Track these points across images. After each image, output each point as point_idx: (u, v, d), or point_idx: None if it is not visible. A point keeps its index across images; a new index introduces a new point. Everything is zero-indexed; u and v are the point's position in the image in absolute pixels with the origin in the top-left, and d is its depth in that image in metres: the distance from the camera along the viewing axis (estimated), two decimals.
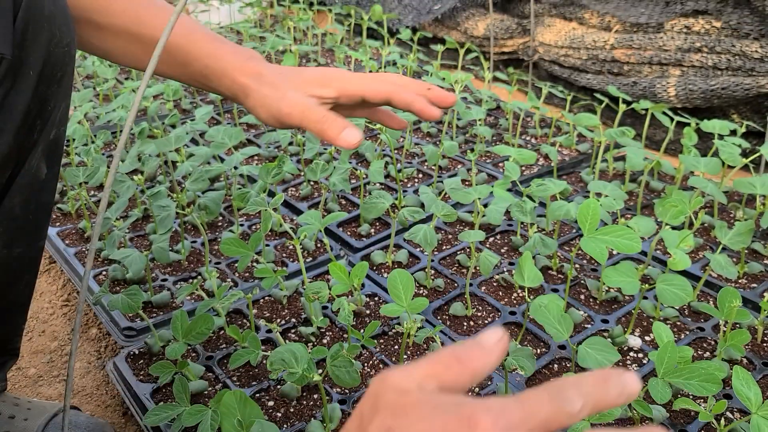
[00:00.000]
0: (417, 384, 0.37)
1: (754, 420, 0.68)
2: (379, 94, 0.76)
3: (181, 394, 0.80)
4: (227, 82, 0.78)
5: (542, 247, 1.06)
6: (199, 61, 0.78)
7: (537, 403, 0.35)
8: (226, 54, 0.79)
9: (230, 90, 0.78)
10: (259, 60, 0.80)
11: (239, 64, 0.77)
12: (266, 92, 0.76)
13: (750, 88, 1.63)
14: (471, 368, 0.38)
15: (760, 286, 1.09)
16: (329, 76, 0.77)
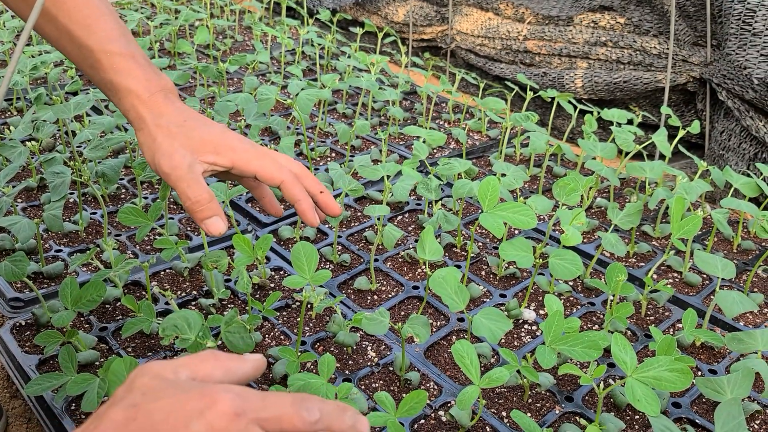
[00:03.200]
0: (172, 371, 0.40)
1: (629, 382, 0.72)
2: (273, 179, 0.73)
3: (67, 363, 0.77)
4: (127, 105, 0.73)
5: (445, 223, 1.08)
6: (107, 73, 0.73)
7: (277, 400, 0.40)
8: (136, 78, 0.73)
9: (127, 115, 0.74)
10: (169, 96, 0.75)
11: (146, 95, 0.72)
12: (158, 139, 0.71)
13: (648, 83, 1.72)
14: (224, 365, 0.43)
15: (647, 265, 1.15)
16: (228, 145, 0.73)
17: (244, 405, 0.38)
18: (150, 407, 0.37)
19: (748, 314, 1.05)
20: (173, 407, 0.37)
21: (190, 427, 0.36)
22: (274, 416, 0.39)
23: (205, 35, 1.71)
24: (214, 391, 0.38)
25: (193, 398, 0.37)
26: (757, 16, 1.49)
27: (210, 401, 0.37)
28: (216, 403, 0.37)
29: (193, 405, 0.37)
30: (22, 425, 0.90)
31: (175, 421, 0.36)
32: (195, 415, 0.37)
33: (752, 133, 1.50)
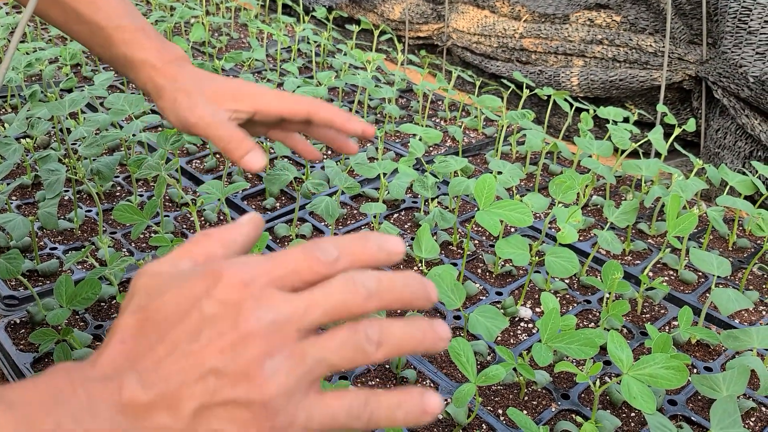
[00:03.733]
0: (169, 264, 0.38)
1: (625, 380, 0.72)
2: (299, 112, 0.72)
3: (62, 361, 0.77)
4: (144, 77, 0.75)
5: (441, 221, 1.08)
6: (120, 48, 0.75)
7: (286, 255, 0.36)
8: (150, 49, 0.75)
9: (145, 87, 0.76)
10: (182, 63, 0.77)
11: (160, 64, 0.75)
12: (178, 98, 0.73)
13: (644, 81, 1.72)
14: (221, 237, 0.39)
15: (643, 263, 1.15)
16: (246, 91, 0.73)
17: (251, 271, 0.35)
18: (157, 303, 0.35)
19: (743, 312, 1.05)
20: (180, 295, 0.34)
21: (203, 310, 0.34)
22: (289, 271, 0.35)
23: (201, 32, 1.70)
24: (216, 268, 0.35)
25: (197, 281, 0.35)
26: (753, 14, 1.49)
27: (214, 278, 0.34)
28: (221, 278, 0.34)
29: (198, 287, 0.34)
30: None
31: (186, 307, 0.34)
32: (203, 296, 0.34)
33: (747, 131, 1.51)
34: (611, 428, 0.81)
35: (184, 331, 0.33)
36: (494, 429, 0.81)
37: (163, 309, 0.34)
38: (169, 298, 0.35)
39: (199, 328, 0.33)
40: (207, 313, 0.33)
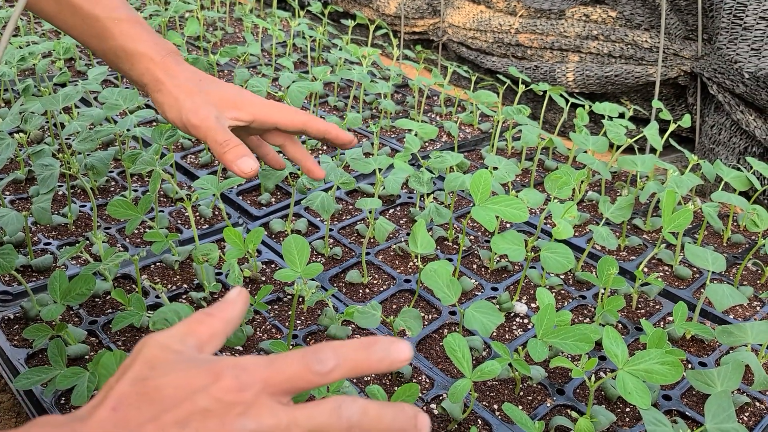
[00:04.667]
0: (179, 341, 0.40)
1: (620, 375, 0.72)
2: (294, 123, 0.78)
3: (56, 357, 0.76)
4: (140, 69, 0.75)
5: (437, 216, 1.08)
6: (116, 40, 0.75)
7: (285, 361, 0.39)
8: (146, 42, 0.76)
9: (141, 79, 0.76)
10: (178, 59, 0.78)
11: (158, 58, 0.75)
12: (180, 98, 0.74)
13: (640, 76, 1.72)
14: (220, 318, 0.43)
15: (638, 258, 1.16)
16: (246, 99, 0.77)
17: (249, 378, 0.37)
18: (158, 382, 0.37)
19: (737, 307, 1.05)
20: (182, 382, 0.37)
21: (197, 403, 0.36)
22: (284, 379, 0.38)
23: (196, 27, 1.69)
24: (219, 367, 0.38)
25: (200, 374, 0.38)
26: (748, 10, 1.50)
27: (215, 377, 0.37)
28: (220, 379, 0.37)
29: (200, 380, 0.37)
30: (11, 419, 0.89)
31: (183, 395, 0.37)
32: (201, 390, 0.37)
33: (742, 127, 1.51)
34: (606, 423, 0.81)
35: (174, 417, 0.36)
36: (490, 424, 0.81)
37: (163, 390, 0.37)
38: (171, 381, 0.37)
39: (189, 418, 0.36)
40: (200, 406, 0.36)
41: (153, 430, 0.35)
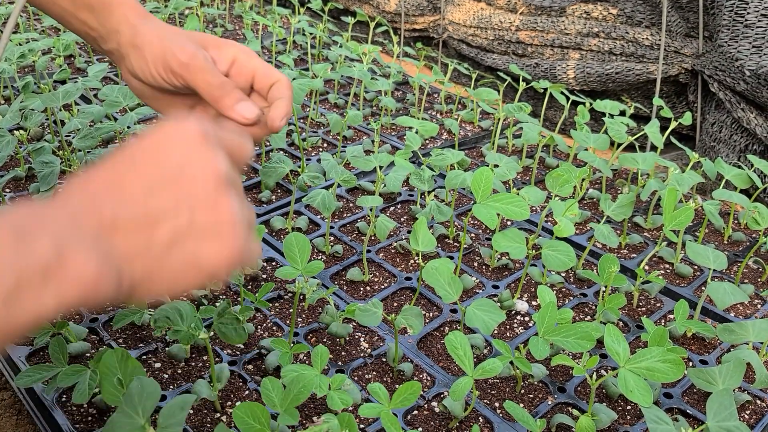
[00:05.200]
0: (213, 128, 0.48)
1: (622, 373, 0.72)
2: (271, 75, 0.69)
3: (57, 354, 0.76)
4: (118, 17, 0.68)
5: (438, 214, 1.08)
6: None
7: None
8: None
9: (119, 26, 0.68)
10: (153, 16, 0.73)
11: (132, 4, 0.69)
12: (164, 36, 0.67)
13: (641, 74, 1.72)
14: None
15: (639, 256, 1.16)
16: (226, 42, 0.70)
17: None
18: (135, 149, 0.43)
19: (738, 305, 1.05)
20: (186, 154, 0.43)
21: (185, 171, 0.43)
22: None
23: (195, 24, 1.69)
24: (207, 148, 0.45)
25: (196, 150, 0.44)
26: (750, 7, 1.49)
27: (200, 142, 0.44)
28: (203, 143, 0.44)
29: (196, 156, 0.44)
30: (12, 417, 0.89)
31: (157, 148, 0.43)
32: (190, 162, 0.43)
33: (743, 124, 1.51)
34: (607, 421, 0.81)
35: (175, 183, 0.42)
36: (491, 422, 0.81)
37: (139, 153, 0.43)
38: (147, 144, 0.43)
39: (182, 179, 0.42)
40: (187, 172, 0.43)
41: (152, 187, 0.41)
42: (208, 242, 0.42)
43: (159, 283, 0.42)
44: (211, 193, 0.43)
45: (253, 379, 0.86)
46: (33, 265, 0.34)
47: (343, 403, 0.73)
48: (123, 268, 0.39)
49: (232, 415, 0.65)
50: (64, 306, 0.36)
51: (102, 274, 0.37)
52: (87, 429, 0.77)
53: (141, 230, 0.40)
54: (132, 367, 0.68)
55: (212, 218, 0.42)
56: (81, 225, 0.39)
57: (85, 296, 0.36)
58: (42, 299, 0.34)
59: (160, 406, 0.75)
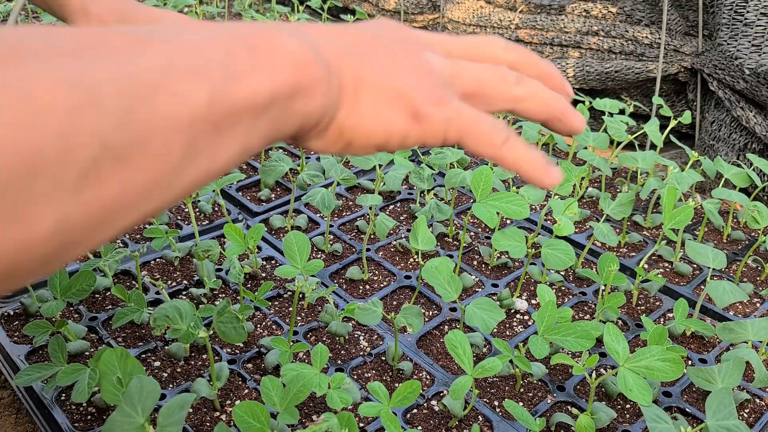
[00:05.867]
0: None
1: (621, 372, 0.72)
2: None
3: (57, 353, 0.76)
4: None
5: (438, 212, 1.08)
6: None
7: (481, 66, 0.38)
8: None
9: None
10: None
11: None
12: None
13: (640, 72, 1.72)
14: None
15: (638, 255, 1.16)
16: None
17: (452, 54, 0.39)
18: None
19: (738, 304, 1.05)
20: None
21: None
22: (474, 74, 0.38)
23: None
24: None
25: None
26: (749, 5, 1.49)
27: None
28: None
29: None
30: (11, 416, 0.89)
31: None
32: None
33: (742, 123, 1.51)
34: (607, 420, 0.81)
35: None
36: (490, 421, 0.82)
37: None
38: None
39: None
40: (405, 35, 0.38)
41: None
42: (405, 70, 0.36)
43: (370, 98, 0.35)
44: (413, 47, 0.37)
45: (252, 378, 0.86)
46: (237, 38, 0.29)
47: (342, 401, 0.73)
48: (330, 63, 0.33)
49: (232, 413, 0.65)
50: (280, 86, 0.30)
51: (311, 52, 0.32)
52: (86, 428, 0.77)
53: (337, 33, 0.35)
54: (131, 365, 0.68)
55: (411, 58, 0.37)
56: (273, 23, 0.34)
57: (298, 77, 0.31)
58: (256, 73, 0.29)
59: (160, 405, 0.75)
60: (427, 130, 0.36)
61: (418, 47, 0.37)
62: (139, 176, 0.25)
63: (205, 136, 0.27)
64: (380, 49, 0.36)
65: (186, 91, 0.26)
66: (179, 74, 0.26)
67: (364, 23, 0.38)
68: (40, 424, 0.77)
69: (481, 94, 0.37)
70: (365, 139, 0.35)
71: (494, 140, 0.36)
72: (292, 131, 0.33)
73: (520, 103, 0.38)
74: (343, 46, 0.34)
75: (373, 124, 0.35)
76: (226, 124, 0.28)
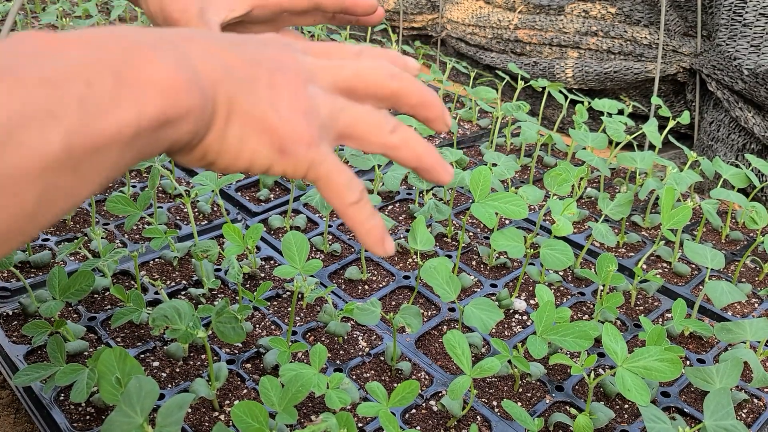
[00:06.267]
0: None
1: (619, 372, 0.72)
2: (303, 1, 0.60)
3: (56, 353, 0.76)
4: None
5: (436, 212, 1.08)
6: None
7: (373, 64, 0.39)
8: None
9: None
10: None
11: None
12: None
13: (639, 73, 1.72)
14: None
15: (637, 255, 1.16)
16: None
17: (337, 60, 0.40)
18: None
19: (736, 304, 1.05)
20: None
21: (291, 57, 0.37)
22: (364, 79, 0.39)
23: None
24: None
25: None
26: (748, 6, 1.49)
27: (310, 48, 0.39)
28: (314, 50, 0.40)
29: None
30: (10, 416, 0.89)
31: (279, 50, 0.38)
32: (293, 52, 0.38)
33: (741, 124, 1.51)
34: (605, 420, 0.81)
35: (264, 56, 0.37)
36: (489, 421, 0.82)
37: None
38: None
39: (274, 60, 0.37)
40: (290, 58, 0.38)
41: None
42: (283, 103, 0.35)
43: (241, 128, 0.34)
44: (295, 78, 0.36)
45: (251, 378, 0.86)
46: (103, 68, 0.28)
47: (341, 401, 0.73)
48: (206, 89, 0.32)
49: (231, 413, 0.66)
50: (147, 119, 0.29)
51: (184, 81, 0.31)
52: (85, 428, 0.77)
53: (219, 52, 0.34)
54: (130, 365, 0.68)
55: (292, 90, 0.36)
56: (152, 34, 0.32)
57: (167, 108, 0.30)
58: (120, 107, 0.28)
59: (159, 405, 0.75)
60: (290, 166, 0.36)
61: (301, 78, 0.36)
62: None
63: (61, 179, 0.26)
64: (262, 77, 0.35)
65: (37, 139, 0.25)
66: (29, 120, 0.25)
67: (254, 40, 0.37)
68: (39, 424, 0.77)
69: (356, 137, 0.38)
70: (228, 163, 0.35)
71: (345, 197, 0.37)
72: (160, 153, 0.33)
73: (394, 150, 0.38)
74: (223, 70, 0.34)
75: (238, 151, 0.35)
76: (86, 163, 0.27)
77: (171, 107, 0.30)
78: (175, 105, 0.30)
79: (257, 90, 0.35)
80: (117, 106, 0.28)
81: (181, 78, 0.31)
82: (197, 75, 0.32)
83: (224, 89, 0.34)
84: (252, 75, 0.35)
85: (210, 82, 0.33)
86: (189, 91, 0.31)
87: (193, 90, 0.31)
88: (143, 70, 0.29)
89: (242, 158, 0.35)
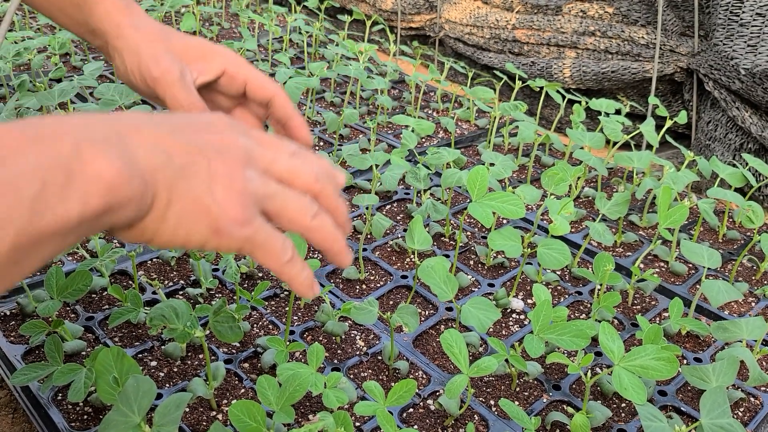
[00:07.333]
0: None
1: (616, 371, 0.72)
2: (265, 88, 0.66)
3: (53, 353, 0.76)
4: (100, 13, 0.66)
5: (434, 212, 1.08)
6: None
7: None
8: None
9: (101, 26, 0.66)
10: (140, 9, 0.69)
11: (121, 3, 0.68)
12: (140, 45, 0.65)
13: (636, 72, 1.72)
14: None
15: (634, 254, 1.16)
16: (214, 51, 0.67)
17: (269, 158, 0.44)
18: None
19: (733, 303, 1.06)
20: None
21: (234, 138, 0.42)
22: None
23: (192, 22, 1.69)
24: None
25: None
26: (745, 6, 1.50)
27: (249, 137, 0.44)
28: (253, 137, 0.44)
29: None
30: (8, 415, 0.89)
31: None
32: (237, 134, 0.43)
33: (738, 123, 1.51)
34: (602, 418, 0.81)
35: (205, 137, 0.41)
36: (486, 420, 0.82)
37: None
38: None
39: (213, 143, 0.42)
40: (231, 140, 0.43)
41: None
42: (219, 187, 0.40)
43: (178, 211, 0.39)
44: (233, 162, 0.41)
45: (249, 378, 0.86)
46: (56, 166, 0.32)
47: (338, 401, 0.73)
48: (146, 178, 0.37)
49: (228, 413, 0.66)
50: (90, 211, 0.33)
51: (125, 174, 0.35)
52: (83, 427, 0.77)
53: (161, 142, 0.38)
54: (128, 365, 0.68)
55: (228, 174, 0.40)
56: (101, 127, 0.36)
57: (109, 200, 0.34)
58: (67, 203, 0.32)
59: (156, 405, 0.75)
60: (225, 243, 0.40)
61: (240, 163, 0.41)
62: None
63: (6, 270, 0.30)
64: (201, 162, 0.39)
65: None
66: None
67: (201, 122, 0.42)
68: (37, 423, 0.77)
69: (282, 217, 0.43)
70: (166, 241, 0.40)
71: (281, 258, 0.42)
72: (100, 232, 0.37)
73: (310, 232, 0.44)
74: (164, 157, 0.38)
75: (175, 232, 0.39)
76: (32, 251, 0.31)
77: (114, 198, 0.34)
78: (118, 196, 0.34)
79: (196, 175, 0.39)
80: (65, 201, 0.32)
81: (125, 172, 0.35)
82: (139, 166, 0.36)
83: (164, 176, 0.38)
84: (191, 161, 0.39)
85: (151, 171, 0.37)
86: (130, 182, 0.35)
87: (134, 181, 0.35)
88: (93, 167, 0.33)
89: (178, 237, 0.39)
